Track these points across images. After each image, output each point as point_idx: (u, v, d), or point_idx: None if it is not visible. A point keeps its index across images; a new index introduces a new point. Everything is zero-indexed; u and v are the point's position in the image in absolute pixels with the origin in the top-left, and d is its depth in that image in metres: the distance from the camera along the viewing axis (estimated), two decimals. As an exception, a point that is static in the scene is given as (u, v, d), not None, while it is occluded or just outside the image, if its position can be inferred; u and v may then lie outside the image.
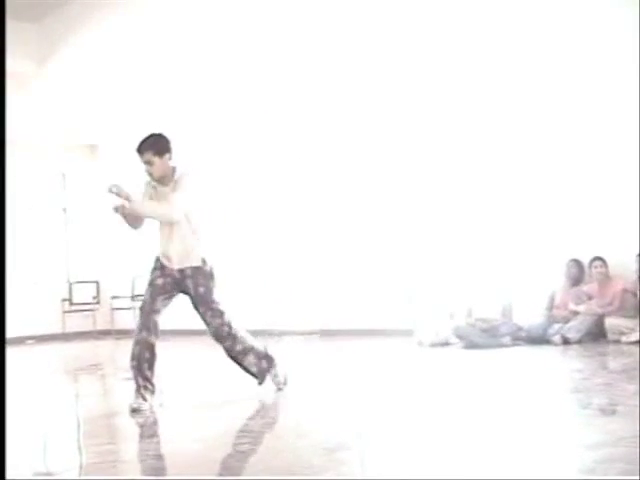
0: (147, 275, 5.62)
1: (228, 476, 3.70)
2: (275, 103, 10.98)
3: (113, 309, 13.07)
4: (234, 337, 5.59)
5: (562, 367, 6.95)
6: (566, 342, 8.00)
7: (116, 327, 12.92)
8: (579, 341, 8.03)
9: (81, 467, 3.99)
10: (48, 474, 3.79)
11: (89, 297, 13.53)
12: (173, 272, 5.51)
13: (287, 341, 10.08)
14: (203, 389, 6.38)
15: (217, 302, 5.55)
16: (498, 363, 7.28)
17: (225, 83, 10.41)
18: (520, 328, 8.45)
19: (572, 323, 8.19)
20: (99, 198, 13.85)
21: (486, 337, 8.33)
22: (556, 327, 8.25)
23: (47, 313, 13.04)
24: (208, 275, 5.53)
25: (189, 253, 5.50)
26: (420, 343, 8.66)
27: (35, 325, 12.75)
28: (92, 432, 4.94)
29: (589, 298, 8.43)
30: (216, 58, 9.64)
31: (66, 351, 11.31)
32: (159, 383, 5.50)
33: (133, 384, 5.42)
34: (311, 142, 11.14)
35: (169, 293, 5.54)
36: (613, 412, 4.66)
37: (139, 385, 5.40)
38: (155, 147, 5.47)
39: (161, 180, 5.53)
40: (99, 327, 13.39)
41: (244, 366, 5.69)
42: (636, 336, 7.71)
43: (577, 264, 8.66)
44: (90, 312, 13.50)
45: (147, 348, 5.39)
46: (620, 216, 8.34)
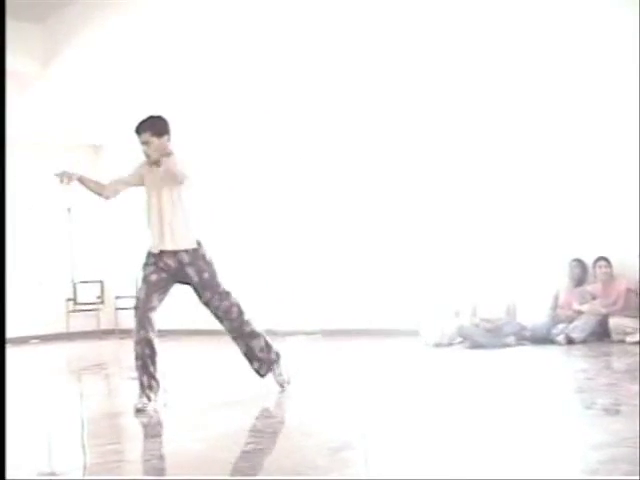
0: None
1: (232, 476, 3.70)
2: (278, 106, 10.99)
3: (117, 309, 13.06)
4: (243, 318, 5.60)
5: (566, 367, 6.94)
6: (570, 342, 7.99)
7: (120, 327, 12.91)
8: (583, 341, 8.02)
9: (85, 467, 3.99)
10: (52, 474, 3.80)
11: (93, 297, 13.55)
12: (168, 264, 5.46)
13: (290, 341, 10.08)
14: (207, 389, 6.38)
15: (222, 284, 5.55)
16: (502, 363, 7.28)
17: (229, 83, 10.41)
18: (524, 328, 8.45)
19: (576, 323, 8.18)
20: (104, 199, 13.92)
21: (490, 337, 8.33)
22: (560, 327, 8.24)
23: (51, 313, 13.05)
24: (208, 259, 5.52)
25: (183, 235, 5.47)
26: (425, 343, 8.66)
27: (39, 325, 12.77)
28: (96, 432, 4.95)
29: (593, 298, 8.42)
30: (220, 58, 9.64)
31: (70, 351, 11.32)
32: (164, 383, 5.50)
33: (138, 384, 5.42)
34: (314, 141, 11.15)
35: (164, 288, 5.50)
36: (617, 412, 4.65)
37: (144, 385, 5.39)
38: (153, 128, 5.48)
39: (157, 163, 5.53)
40: (103, 327, 13.41)
41: (252, 349, 5.62)
42: (640, 336, 7.72)
43: (580, 264, 8.64)
44: (94, 312, 13.52)
45: (147, 345, 5.38)
46: (623, 216, 8.33)
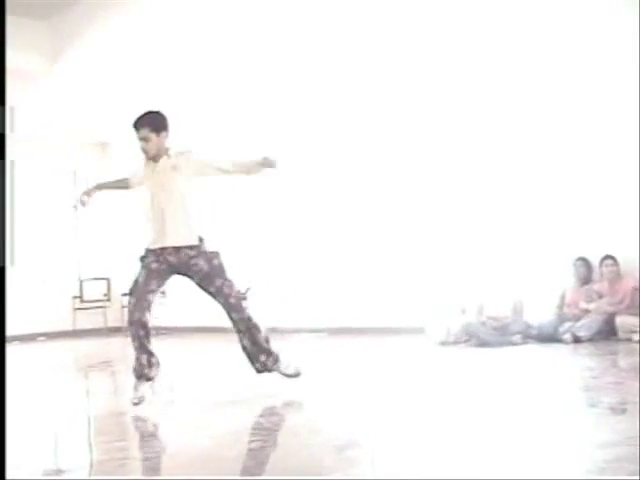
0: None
1: (238, 474, 3.70)
2: (284, 105, 11.07)
3: (124, 306, 13.06)
4: (249, 310, 5.59)
5: (572, 365, 6.93)
6: (577, 340, 7.97)
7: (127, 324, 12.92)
8: (590, 339, 7.99)
9: (91, 464, 4.00)
10: (58, 471, 3.80)
11: (100, 294, 13.60)
12: (169, 260, 5.46)
13: (295, 339, 10.08)
14: (213, 386, 6.39)
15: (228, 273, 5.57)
16: (508, 361, 7.27)
17: (233, 81, 10.44)
18: (530, 326, 8.44)
19: (583, 321, 8.16)
20: (110, 195, 13.95)
21: (497, 335, 8.32)
22: (567, 325, 8.23)
23: (58, 310, 13.11)
24: (213, 250, 5.52)
25: (185, 232, 5.48)
26: (432, 341, 8.65)
27: (46, 322, 12.83)
28: (103, 429, 4.96)
29: (600, 296, 8.40)
30: (226, 56, 9.65)
31: (77, 348, 11.36)
32: (169, 380, 5.51)
33: (135, 367, 5.44)
34: (319, 140, 11.15)
35: (163, 277, 5.51)
36: (623, 411, 4.64)
37: (144, 364, 5.41)
38: (152, 124, 5.47)
39: (155, 158, 5.53)
40: (110, 324, 13.45)
41: (259, 342, 5.58)
42: (647, 334, 7.71)
43: (585, 263, 8.63)
44: (101, 309, 13.57)
45: (142, 326, 5.41)
46: (629, 214, 8.30)
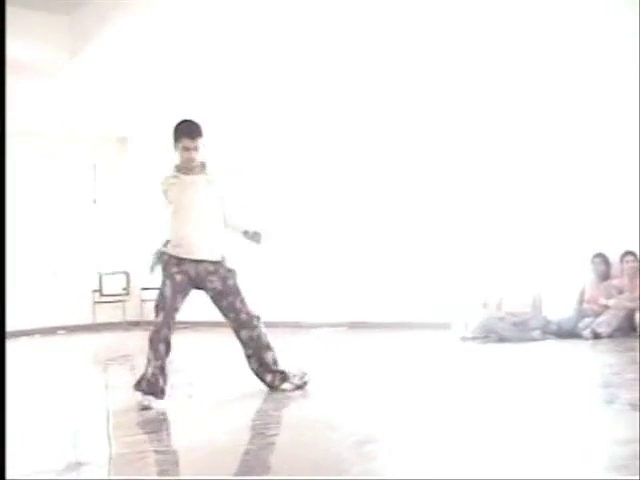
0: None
1: (257, 469, 3.71)
2: (283, 105, 11.13)
3: (143, 300, 13.14)
4: (262, 329, 5.57)
5: (592, 362, 6.90)
6: (596, 336, 7.93)
7: (145, 318, 12.95)
8: (609, 335, 7.96)
9: (110, 457, 4.02)
10: (77, 464, 3.83)
11: (119, 288, 13.65)
12: (188, 271, 5.40)
13: (316, 333, 10.09)
14: (231, 381, 6.40)
15: (243, 293, 5.55)
16: (528, 357, 7.24)
17: (241, 81, 10.52)
18: (550, 322, 8.41)
19: (602, 317, 8.12)
20: (129, 189, 14.02)
21: (516, 331, 8.29)
22: (586, 321, 8.19)
23: (78, 304, 13.18)
24: (231, 268, 5.51)
25: (213, 247, 5.46)
26: (456, 336, 8.62)
27: (66, 316, 12.91)
28: (122, 423, 4.97)
29: (619, 292, 8.36)
30: (244, 55, 9.68)
31: (96, 342, 11.41)
32: (188, 374, 5.52)
33: (147, 381, 5.26)
34: (334, 135, 11.16)
35: (186, 293, 5.46)
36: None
37: (158, 389, 5.25)
38: (202, 133, 5.47)
39: (193, 170, 5.50)
40: (129, 318, 13.51)
41: (267, 364, 5.56)
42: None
43: (603, 259, 8.59)
44: (120, 303, 13.62)
45: (167, 345, 5.31)
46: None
